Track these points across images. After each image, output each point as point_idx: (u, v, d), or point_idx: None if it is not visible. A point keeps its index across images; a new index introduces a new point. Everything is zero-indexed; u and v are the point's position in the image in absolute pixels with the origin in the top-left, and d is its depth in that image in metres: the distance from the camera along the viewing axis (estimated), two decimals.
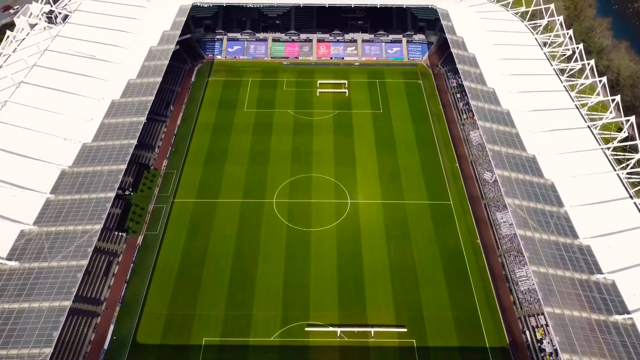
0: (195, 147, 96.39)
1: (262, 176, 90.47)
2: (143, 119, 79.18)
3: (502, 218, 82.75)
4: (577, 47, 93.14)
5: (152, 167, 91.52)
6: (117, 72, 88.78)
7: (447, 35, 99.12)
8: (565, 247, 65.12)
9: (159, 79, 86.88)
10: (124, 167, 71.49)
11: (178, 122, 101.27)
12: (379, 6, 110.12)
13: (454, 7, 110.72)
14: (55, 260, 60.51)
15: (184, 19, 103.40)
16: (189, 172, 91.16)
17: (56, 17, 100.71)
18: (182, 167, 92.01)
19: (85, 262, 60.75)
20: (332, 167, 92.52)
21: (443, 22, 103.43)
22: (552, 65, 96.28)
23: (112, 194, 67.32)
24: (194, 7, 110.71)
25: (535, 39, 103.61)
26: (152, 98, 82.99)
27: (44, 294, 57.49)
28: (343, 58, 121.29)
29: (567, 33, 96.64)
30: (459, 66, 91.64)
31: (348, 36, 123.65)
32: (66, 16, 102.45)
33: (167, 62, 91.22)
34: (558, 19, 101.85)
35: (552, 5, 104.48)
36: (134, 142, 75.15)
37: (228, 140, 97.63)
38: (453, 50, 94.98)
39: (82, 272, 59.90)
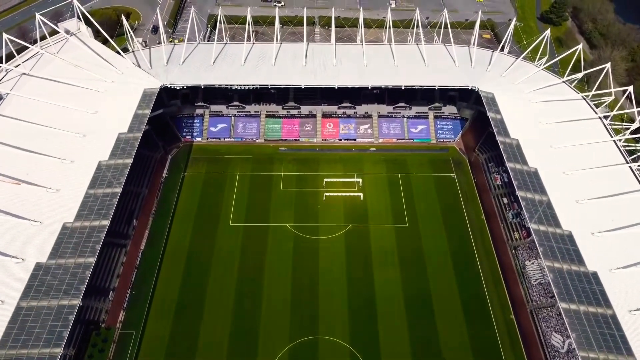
0: (163, 289, 72.74)
1: (252, 339, 67.17)
2: (76, 302, 54.15)
3: None
4: None
5: (102, 326, 67.83)
6: (49, 211, 62.80)
7: (498, 138, 74.43)
8: None
9: (107, 222, 61.54)
10: None
11: (142, 247, 77.33)
12: (403, 88, 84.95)
13: (501, 86, 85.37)
14: None
15: (148, 111, 78.09)
16: (153, 333, 67.81)
17: None
18: (144, 323, 68.56)
19: None
20: (346, 323, 69.02)
21: (490, 115, 78.55)
22: (636, 177, 72.04)
23: None
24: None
25: (609, 134, 78.92)
26: (93, 260, 57.59)
27: None
28: (355, 140, 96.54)
29: None
30: (519, 193, 66.89)
31: (361, 109, 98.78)
32: None
33: (120, 189, 65.65)
34: (638, 112, 77.21)
35: (630, 88, 79.85)
36: (59, 350, 50.50)
37: (207, 277, 73.91)
38: (509, 165, 70.27)
39: None
